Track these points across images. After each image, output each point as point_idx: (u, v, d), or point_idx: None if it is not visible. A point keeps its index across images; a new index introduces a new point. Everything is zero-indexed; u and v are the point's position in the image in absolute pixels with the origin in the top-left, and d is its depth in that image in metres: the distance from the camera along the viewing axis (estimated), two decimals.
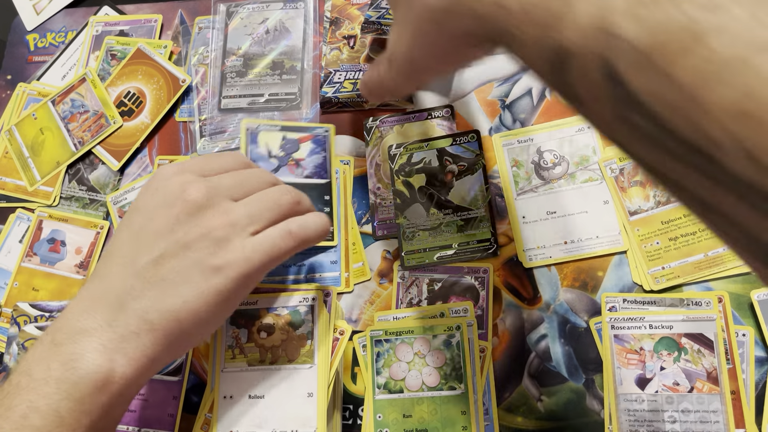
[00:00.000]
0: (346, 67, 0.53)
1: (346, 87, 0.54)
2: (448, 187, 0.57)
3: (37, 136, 0.67)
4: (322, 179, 0.58)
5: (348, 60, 0.53)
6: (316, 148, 0.59)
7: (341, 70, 0.53)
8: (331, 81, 0.54)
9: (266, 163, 0.58)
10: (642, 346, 0.50)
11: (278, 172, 0.58)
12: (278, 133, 0.60)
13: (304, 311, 0.51)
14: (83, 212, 0.64)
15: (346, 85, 0.54)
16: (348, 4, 0.53)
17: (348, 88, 0.54)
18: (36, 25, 0.74)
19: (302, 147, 0.59)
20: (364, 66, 0.53)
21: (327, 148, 0.59)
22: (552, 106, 0.60)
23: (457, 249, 0.56)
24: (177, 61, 0.69)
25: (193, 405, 0.55)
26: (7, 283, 0.63)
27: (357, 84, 0.53)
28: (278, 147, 0.59)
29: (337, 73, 0.53)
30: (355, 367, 0.54)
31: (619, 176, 0.56)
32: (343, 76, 0.53)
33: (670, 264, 0.53)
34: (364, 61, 0.52)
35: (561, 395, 0.52)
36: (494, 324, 0.54)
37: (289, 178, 0.58)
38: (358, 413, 0.53)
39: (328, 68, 0.53)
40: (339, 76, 0.53)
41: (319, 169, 0.58)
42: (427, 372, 0.51)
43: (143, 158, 0.66)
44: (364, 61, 0.53)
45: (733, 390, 0.49)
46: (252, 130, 0.59)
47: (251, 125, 0.60)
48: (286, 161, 0.58)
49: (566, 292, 0.54)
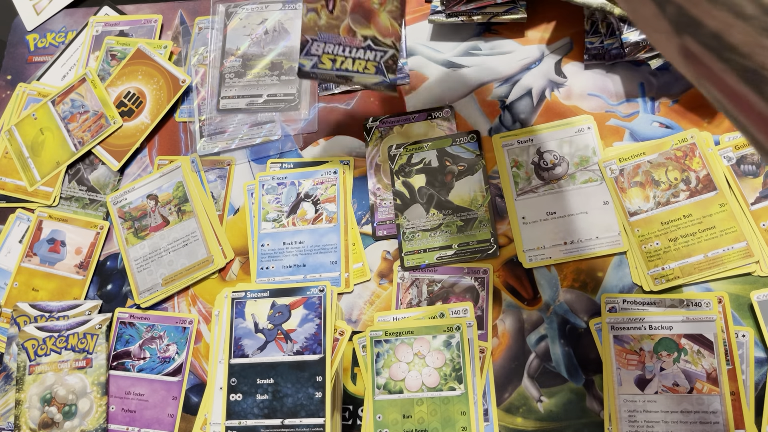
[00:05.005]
0: (324, 37, 0.47)
1: (324, 63, 0.47)
2: (448, 187, 0.57)
3: (37, 136, 0.67)
4: (315, 354, 0.50)
5: (326, 27, 0.46)
6: (309, 314, 0.52)
7: (318, 41, 0.47)
8: (308, 52, 0.47)
9: (252, 339, 0.51)
10: (642, 347, 0.50)
11: (265, 350, 0.51)
12: (267, 300, 0.53)
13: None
14: (83, 212, 0.64)
15: (325, 61, 0.47)
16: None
17: (326, 65, 0.47)
18: (36, 25, 0.74)
19: (294, 315, 0.52)
20: (345, 38, 0.46)
21: (323, 311, 0.52)
22: (552, 106, 0.60)
23: (457, 249, 0.56)
24: (177, 61, 0.69)
25: (192, 405, 0.56)
26: (7, 283, 0.63)
27: (336, 60, 0.47)
28: (266, 318, 0.52)
29: (315, 43, 0.47)
30: (355, 367, 0.54)
31: (618, 177, 0.56)
32: (321, 49, 0.47)
33: (669, 265, 0.52)
34: (344, 32, 0.46)
35: (561, 396, 0.52)
36: (494, 324, 0.54)
37: (277, 357, 0.51)
38: (358, 413, 0.53)
39: (305, 34, 0.47)
40: (317, 47, 0.47)
41: (312, 341, 0.51)
42: (427, 372, 0.51)
43: (143, 158, 0.66)
44: (345, 32, 0.46)
45: (733, 391, 0.49)
46: (238, 300, 0.53)
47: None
48: (275, 335, 0.51)
49: (566, 292, 0.54)
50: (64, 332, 0.58)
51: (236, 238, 0.61)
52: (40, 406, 0.56)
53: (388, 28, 0.46)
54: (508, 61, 0.62)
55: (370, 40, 0.46)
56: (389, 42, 0.46)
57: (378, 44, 0.46)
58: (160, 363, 0.57)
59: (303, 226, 0.59)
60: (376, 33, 0.46)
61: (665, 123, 0.58)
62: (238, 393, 0.50)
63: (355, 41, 0.47)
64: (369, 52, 0.46)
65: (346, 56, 0.47)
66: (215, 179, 0.63)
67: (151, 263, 0.61)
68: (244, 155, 0.63)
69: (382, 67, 0.47)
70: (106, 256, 0.63)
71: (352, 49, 0.47)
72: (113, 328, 0.59)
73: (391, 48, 0.46)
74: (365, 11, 0.45)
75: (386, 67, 0.46)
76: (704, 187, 0.54)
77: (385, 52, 0.46)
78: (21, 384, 0.56)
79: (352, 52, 0.47)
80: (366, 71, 0.47)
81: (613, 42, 0.57)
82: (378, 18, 0.45)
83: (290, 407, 0.49)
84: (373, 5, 0.45)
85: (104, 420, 0.56)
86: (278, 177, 0.61)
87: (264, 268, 0.58)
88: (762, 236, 0.52)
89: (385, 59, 0.46)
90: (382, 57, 0.46)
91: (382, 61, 0.46)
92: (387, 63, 0.46)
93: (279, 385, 0.49)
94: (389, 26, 0.46)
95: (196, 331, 0.58)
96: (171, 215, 0.62)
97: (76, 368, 0.57)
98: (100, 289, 0.62)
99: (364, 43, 0.46)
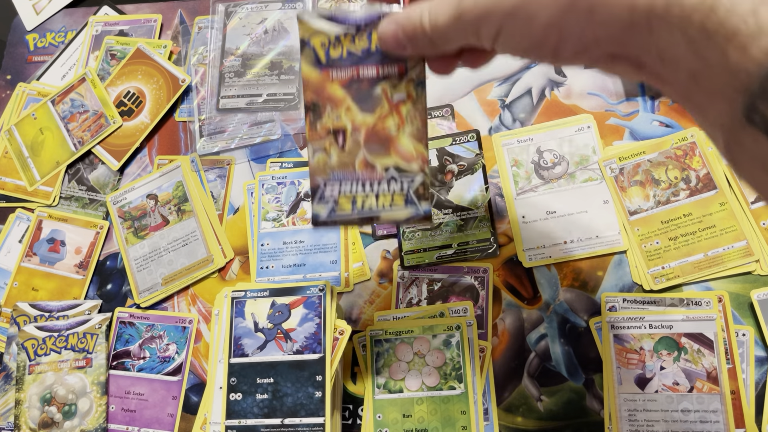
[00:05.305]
0: (338, 177, 0.39)
1: (343, 207, 0.39)
2: (447, 186, 0.57)
3: (36, 136, 0.67)
4: (315, 354, 0.50)
5: (339, 165, 0.39)
6: (309, 313, 0.51)
7: (332, 181, 0.39)
8: (322, 197, 0.39)
9: (252, 338, 0.51)
10: (642, 346, 0.50)
11: (265, 349, 0.51)
12: (267, 299, 0.52)
13: None
14: (83, 212, 0.64)
15: (344, 204, 0.39)
16: (327, 80, 0.38)
17: (346, 208, 0.39)
18: (36, 25, 0.74)
19: (293, 314, 0.51)
20: (363, 173, 0.39)
21: (323, 310, 0.51)
22: (552, 105, 0.60)
23: (456, 249, 0.56)
24: (177, 60, 0.69)
25: (192, 405, 0.56)
26: (6, 283, 0.63)
27: (357, 200, 0.39)
28: (266, 317, 0.52)
29: (328, 186, 0.39)
30: (355, 367, 0.54)
31: (618, 176, 0.56)
32: (337, 190, 0.39)
33: (669, 264, 0.52)
34: (361, 167, 0.39)
35: (561, 395, 0.51)
36: (494, 324, 0.54)
37: (277, 356, 0.51)
38: (358, 413, 0.53)
39: (315, 177, 0.39)
40: (331, 190, 0.39)
41: (312, 341, 0.50)
42: (427, 372, 0.51)
43: (143, 158, 0.66)
44: (362, 167, 0.39)
45: (733, 390, 0.48)
46: (237, 299, 0.52)
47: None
48: (275, 335, 0.51)
49: (566, 291, 0.54)
50: (64, 332, 0.58)
51: (236, 237, 0.61)
52: (40, 405, 0.56)
53: (411, 152, 0.39)
54: (508, 60, 0.61)
55: (392, 170, 0.39)
56: (415, 167, 0.39)
57: (403, 172, 0.39)
58: (159, 362, 0.57)
59: (303, 226, 0.59)
60: (399, 160, 0.39)
61: (665, 122, 0.58)
62: (238, 392, 0.50)
63: (375, 174, 0.39)
64: (393, 183, 0.39)
65: (368, 193, 0.39)
66: (215, 179, 0.63)
67: (150, 263, 0.61)
68: (243, 155, 0.63)
69: (412, 197, 0.39)
70: (105, 255, 0.63)
71: (374, 184, 0.39)
72: (113, 327, 0.59)
73: (418, 173, 0.39)
74: (382, 139, 0.39)
75: (417, 196, 0.39)
76: (704, 186, 0.54)
77: (412, 180, 0.39)
78: (21, 384, 0.56)
79: (374, 186, 0.39)
80: (394, 206, 0.39)
81: None
82: (398, 143, 0.39)
83: (290, 407, 0.49)
84: (390, 131, 0.39)
85: (104, 420, 0.56)
86: (278, 176, 0.61)
87: (264, 268, 0.58)
88: (762, 235, 0.52)
89: (414, 188, 0.39)
90: (409, 186, 0.39)
91: (411, 191, 0.39)
92: (417, 191, 0.39)
93: (279, 384, 0.49)
94: (413, 150, 0.39)
95: (195, 331, 0.58)
96: (171, 215, 0.62)
97: (75, 368, 0.57)
98: (99, 289, 0.62)
99: (386, 174, 0.39)
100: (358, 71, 0.38)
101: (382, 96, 0.38)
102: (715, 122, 0.25)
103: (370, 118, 0.39)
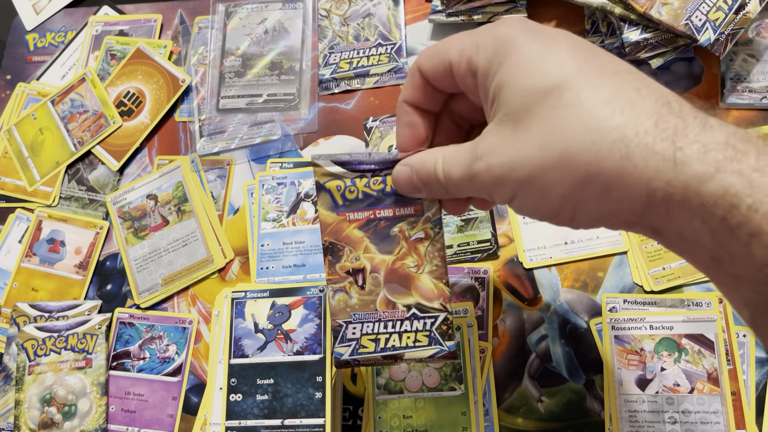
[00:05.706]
0: (359, 317, 0.40)
1: (366, 347, 0.40)
2: None
3: (36, 136, 0.67)
4: (315, 354, 0.50)
5: (360, 306, 0.39)
6: (309, 314, 0.51)
7: (354, 322, 0.40)
8: (344, 338, 0.40)
9: (252, 339, 0.51)
10: (642, 347, 0.50)
11: (265, 350, 0.51)
12: (267, 300, 0.52)
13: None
14: (83, 212, 0.64)
15: (366, 344, 0.40)
16: (344, 221, 0.39)
17: (369, 348, 0.40)
18: (36, 24, 0.74)
19: (294, 315, 0.51)
20: (384, 313, 0.40)
21: (323, 310, 0.51)
22: None
23: (457, 249, 0.56)
24: (177, 60, 0.69)
25: (192, 406, 0.55)
26: (6, 284, 0.63)
27: (380, 339, 0.40)
28: (266, 318, 0.52)
29: (350, 326, 0.40)
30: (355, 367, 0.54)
31: None
32: (359, 331, 0.40)
33: (670, 264, 0.52)
34: (382, 306, 0.40)
35: (561, 396, 0.51)
36: (494, 324, 0.54)
37: (277, 357, 0.50)
38: (358, 413, 0.53)
39: (336, 319, 0.40)
40: (353, 331, 0.40)
41: (312, 341, 0.50)
42: (427, 373, 0.51)
43: (143, 158, 0.66)
44: (383, 306, 0.40)
45: (734, 391, 0.48)
46: (237, 300, 0.52)
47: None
48: (275, 335, 0.51)
49: (566, 292, 0.54)
50: (64, 332, 0.57)
51: (236, 238, 0.61)
52: (40, 406, 0.56)
53: (432, 290, 0.39)
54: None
55: (414, 309, 0.39)
56: (437, 305, 0.39)
57: (425, 311, 0.39)
58: (159, 363, 0.57)
59: (303, 226, 0.59)
60: (420, 299, 0.39)
61: None
62: (238, 393, 0.50)
63: (397, 313, 0.40)
64: (416, 321, 0.40)
65: (391, 332, 0.40)
66: (215, 179, 0.63)
67: (150, 263, 0.61)
68: (243, 155, 0.63)
69: (435, 336, 0.40)
70: (105, 256, 0.63)
71: (396, 323, 0.40)
72: (113, 328, 0.59)
73: (441, 311, 0.39)
74: (402, 278, 0.39)
75: (440, 334, 0.39)
76: None
77: (435, 318, 0.39)
78: (20, 384, 0.56)
79: (396, 326, 0.40)
80: (418, 344, 0.40)
81: (614, 41, 0.57)
82: (418, 282, 0.39)
83: (290, 407, 0.49)
84: (410, 270, 0.39)
85: (104, 420, 0.56)
86: (278, 177, 0.61)
87: (264, 268, 0.58)
88: None
89: (437, 326, 0.39)
90: (432, 324, 0.39)
91: (434, 329, 0.39)
92: (440, 329, 0.39)
93: (279, 385, 0.49)
94: (433, 288, 0.39)
95: (195, 331, 0.58)
96: (171, 215, 0.62)
97: (75, 368, 0.57)
98: (99, 289, 0.61)
99: (408, 313, 0.40)
100: (374, 212, 0.39)
101: (400, 236, 0.39)
102: (740, 300, 0.24)
103: (389, 258, 0.39)
